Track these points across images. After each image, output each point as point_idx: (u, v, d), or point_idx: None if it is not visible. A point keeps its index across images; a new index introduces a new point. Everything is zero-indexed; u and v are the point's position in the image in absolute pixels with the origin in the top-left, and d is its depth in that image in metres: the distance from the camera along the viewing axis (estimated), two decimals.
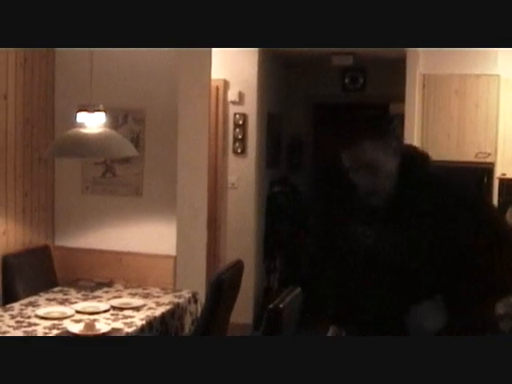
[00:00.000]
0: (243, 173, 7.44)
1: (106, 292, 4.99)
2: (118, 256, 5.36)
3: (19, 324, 4.13)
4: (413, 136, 6.61)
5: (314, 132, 9.51)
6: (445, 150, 6.70)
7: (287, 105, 8.85)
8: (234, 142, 7.42)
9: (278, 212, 8.00)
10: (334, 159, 2.71)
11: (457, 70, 6.67)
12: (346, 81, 9.11)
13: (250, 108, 7.38)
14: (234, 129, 7.40)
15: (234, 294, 4.77)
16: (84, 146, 4.04)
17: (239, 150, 7.41)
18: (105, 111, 4.20)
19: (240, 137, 7.38)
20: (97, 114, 4.14)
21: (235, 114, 7.39)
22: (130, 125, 5.22)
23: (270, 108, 7.95)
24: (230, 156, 7.44)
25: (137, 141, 5.17)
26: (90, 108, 4.12)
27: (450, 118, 6.73)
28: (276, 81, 8.25)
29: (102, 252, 5.40)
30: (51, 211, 5.49)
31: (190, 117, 5.42)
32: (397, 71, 7.09)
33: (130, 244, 5.35)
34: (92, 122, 4.14)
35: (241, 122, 7.37)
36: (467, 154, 6.74)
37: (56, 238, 5.53)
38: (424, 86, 6.65)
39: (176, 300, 4.84)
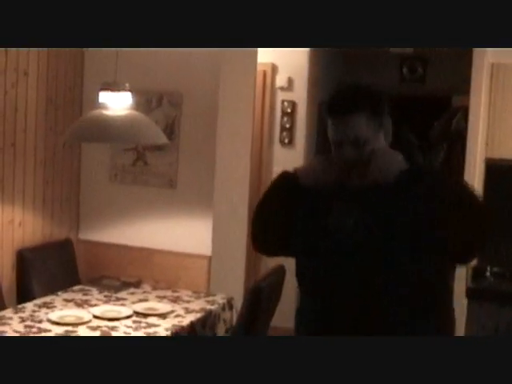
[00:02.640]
0: (290, 165, 6.86)
1: (132, 293, 4.49)
2: (148, 253, 4.86)
3: (28, 330, 3.64)
4: (477, 131, 5.99)
5: None
6: None
7: None
8: (281, 132, 6.86)
9: None
10: None
11: None
12: (404, 71, 8.47)
13: (300, 95, 6.80)
14: (282, 117, 6.84)
15: (273, 303, 4.22)
16: (104, 130, 3.51)
17: (286, 141, 6.85)
18: (131, 91, 3.66)
19: (288, 126, 6.81)
20: (122, 93, 3.60)
21: (283, 102, 6.82)
22: (166, 109, 4.70)
23: (320, 96, 7.37)
24: (276, 146, 6.88)
25: (172, 127, 4.66)
26: (114, 87, 3.58)
27: None
28: (328, 67, 7.66)
29: (129, 248, 4.90)
30: (75, 201, 5.00)
31: (232, 102, 4.88)
32: (460, 60, 6.47)
33: (161, 241, 4.84)
34: (117, 103, 3.60)
35: (289, 110, 6.80)
36: None
37: (80, 232, 5.05)
38: (492, 75, 6.00)
39: (208, 306, 4.31)
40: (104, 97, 3.60)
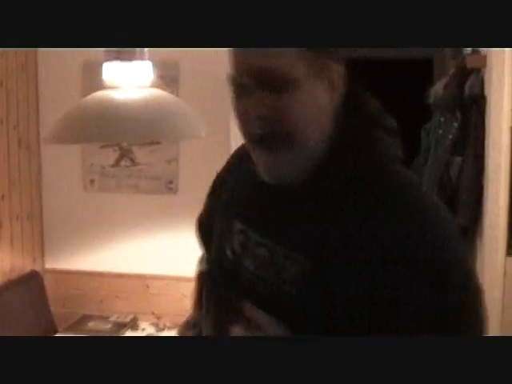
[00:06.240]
0: None
1: None
2: (143, 281, 3.72)
3: None
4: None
5: None
6: None
7: None
8: None
9: None
10: None
11: None
12: None
13: None
14: None
15: None
16: (113, 124, 2.27)
17: None
18: (151, 60, 2.41)
19: None
20: (138, 64, 2.35)
21: None
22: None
23: None
24: None
25: None
26: (124, 54, 2.32)
27: None
28: None
29: (117, 276, 3.74)
30: (38, 220, 3.75)
31: None
32: None
33: (159, 264, 3.70)
34: (130, 79, 2.35)
35: None
36: None
37: (48, 260, 3.81)
38: None
39: None
40: (110, 70, 2.34)
